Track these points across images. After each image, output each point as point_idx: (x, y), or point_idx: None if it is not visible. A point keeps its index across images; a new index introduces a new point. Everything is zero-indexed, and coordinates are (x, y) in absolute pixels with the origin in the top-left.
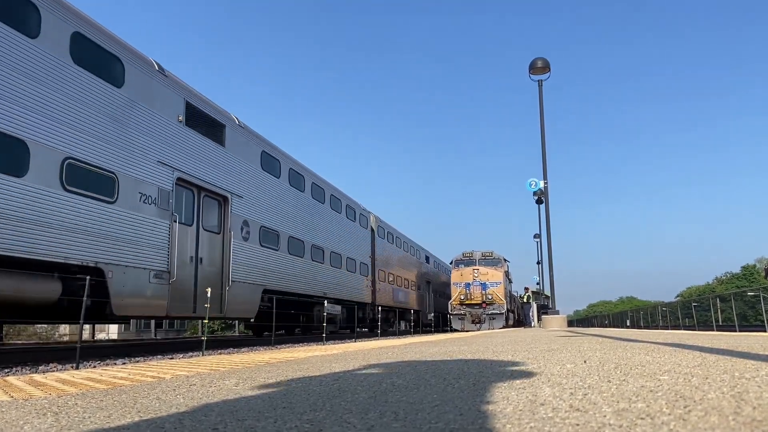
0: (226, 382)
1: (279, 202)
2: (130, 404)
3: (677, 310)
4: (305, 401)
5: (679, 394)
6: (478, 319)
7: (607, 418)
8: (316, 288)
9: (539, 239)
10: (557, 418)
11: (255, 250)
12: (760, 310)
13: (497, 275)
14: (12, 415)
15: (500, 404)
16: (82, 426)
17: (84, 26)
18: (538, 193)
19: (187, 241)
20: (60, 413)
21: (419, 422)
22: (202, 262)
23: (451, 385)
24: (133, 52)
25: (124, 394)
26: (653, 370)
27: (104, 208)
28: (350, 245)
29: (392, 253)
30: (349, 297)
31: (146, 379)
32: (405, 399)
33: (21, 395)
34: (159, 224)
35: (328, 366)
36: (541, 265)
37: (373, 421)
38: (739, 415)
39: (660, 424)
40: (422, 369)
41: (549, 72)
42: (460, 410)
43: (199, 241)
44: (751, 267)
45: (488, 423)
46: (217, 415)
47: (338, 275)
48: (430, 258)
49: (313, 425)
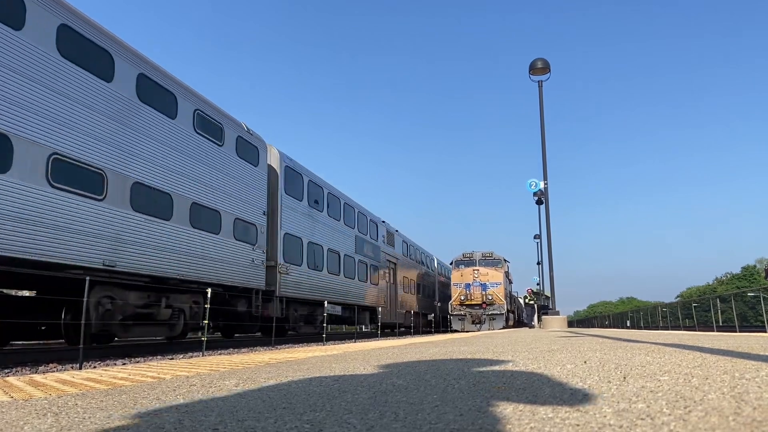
0: (226, 383)
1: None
2: (131, 404)
3: (677, 311)
4: (305, 401)
5: (680, 395)
6: (478, 320)
7: (608, 418)
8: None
9: (539, 240)
10: (557, 419)
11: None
12: (760, 310)
13: (497, 276)
14: (12, 415)
15: (500, 404)
16: (82, 426)
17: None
18: (538, 193)
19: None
20: (60, 413)
21: (419, 422)
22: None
23: (452, 386)
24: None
25: (125, 395)
26: (653, 370)
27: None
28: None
29: (314, 219)
30: (218, 278)
31: (146, 379)
32: (405, 399)
33: (21, 395)
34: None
35: (328, 366)
36: (542, 266)
37: (373, 422)
38: (740, 416)
39: (660, 424)
40: (422, 369)
41: (549, 72)
42: (461, 411)
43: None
44: (752, 267)
45: (488, 423)
46: (217, 415)
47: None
48: (406, 241)
49: (313, 426)
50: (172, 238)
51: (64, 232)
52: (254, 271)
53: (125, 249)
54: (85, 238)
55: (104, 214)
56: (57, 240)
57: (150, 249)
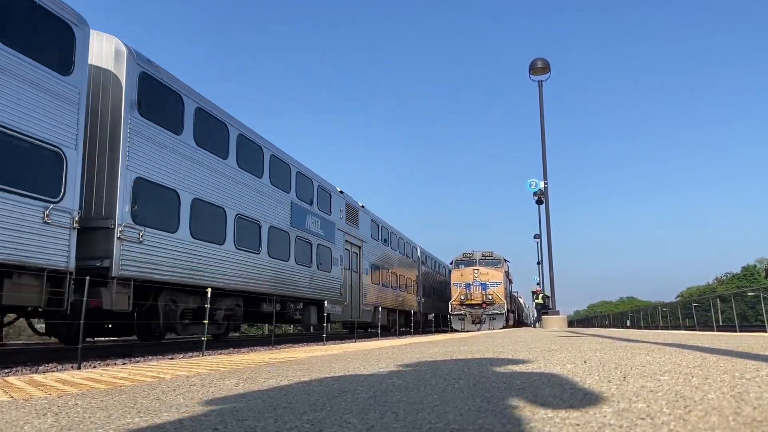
0: (226, 383)
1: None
2: (130, 404)
3: (677, 311)
4: (305, 401)
5: (680, 395)
6: (479, 320)
7: (608, 418)
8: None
9: (539, 239)
10: (557, 418)
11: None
12: (760, 310)
13: (497, 275)
14: (12, 415)
15: (500, 405)
16: (82, 426)
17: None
18: (538, 193)
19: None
20: (60, 413)
21: (419, 422)
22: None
23: (452, 386)
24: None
25: (124, 394)
26: (653, 370)
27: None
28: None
29: (208, 167)
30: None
31: (146, 379)
32: (405, 399)
33: (21, 395)
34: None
35: (328, 366)
36: (542, 266)
37: (373, 421)
38: (740, 416)
39: (660, 424)
40: (422, 369)
41: (549, 72)
42: (461, 410)
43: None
44: (752, 267)
45: (488, 423)
46: (217, 415)
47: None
48: (377, 222)
49: (313, 425)
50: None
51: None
52: (38, 237)
53: None
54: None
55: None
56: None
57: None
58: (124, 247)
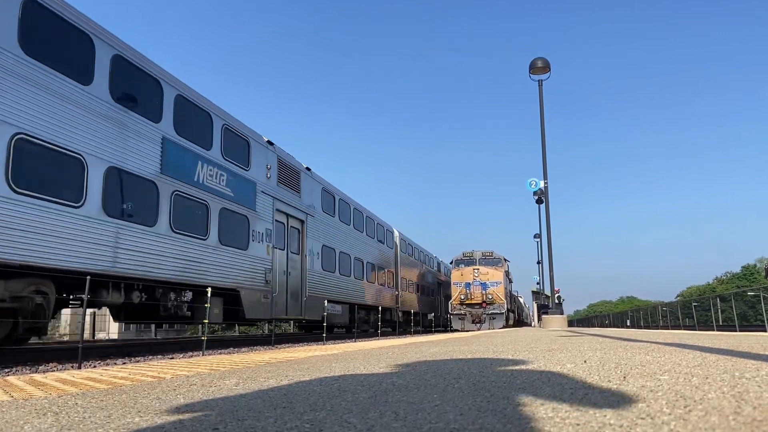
0: (226, 382)
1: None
2: (131, 404)
3: (677, 310)
4: (305, 401)
5: (680, 394)
6: (479, 319)
7: (608, 417)
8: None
9: (539, 239)
10: (557, 418)
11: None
12: (760, 309)
13: (497, 275)
14: (12, 414)
15: (500, 404)
16: (82, 426)
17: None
18: (538, 193)
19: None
20: (60, 413)
21: (420, 422)
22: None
23: (452, 386)
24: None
25: (125, 394)
26: (653, 370)
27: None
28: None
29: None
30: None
31: (146, 379)
32: (405, 399)
33: (21, 395)
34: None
35: (328, 366)
36: (542, 265)
37: (373, 421)
38: (740, 415)
39: (660, 423)
40: (423, 369)
41: (549, 72)
42: (461, 410)
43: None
44: (752, 267)
45: (488, 423)
46: (217, 415)
47: None
48: (330, 191)
49: (313, 425)
50: None
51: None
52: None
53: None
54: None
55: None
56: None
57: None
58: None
